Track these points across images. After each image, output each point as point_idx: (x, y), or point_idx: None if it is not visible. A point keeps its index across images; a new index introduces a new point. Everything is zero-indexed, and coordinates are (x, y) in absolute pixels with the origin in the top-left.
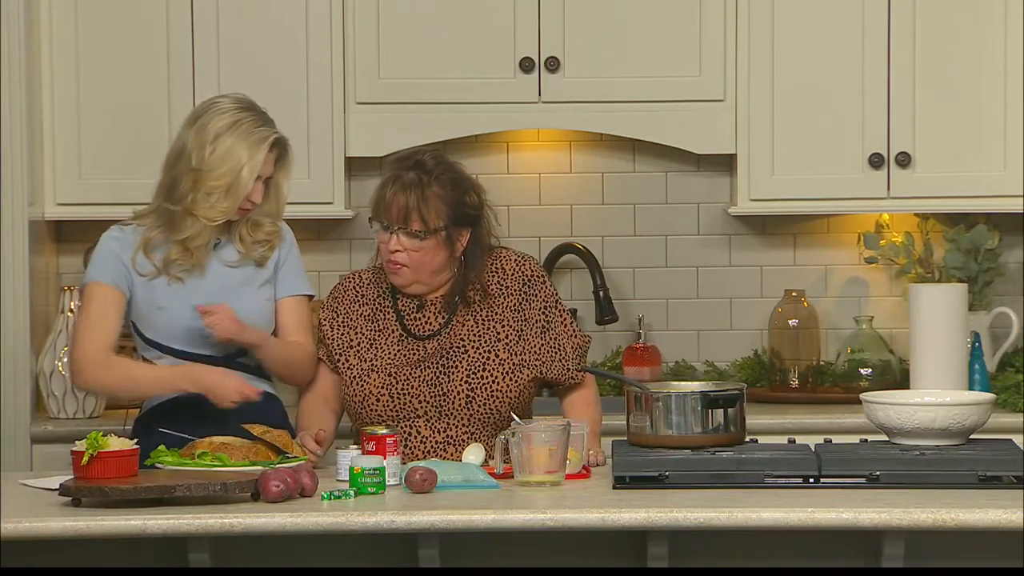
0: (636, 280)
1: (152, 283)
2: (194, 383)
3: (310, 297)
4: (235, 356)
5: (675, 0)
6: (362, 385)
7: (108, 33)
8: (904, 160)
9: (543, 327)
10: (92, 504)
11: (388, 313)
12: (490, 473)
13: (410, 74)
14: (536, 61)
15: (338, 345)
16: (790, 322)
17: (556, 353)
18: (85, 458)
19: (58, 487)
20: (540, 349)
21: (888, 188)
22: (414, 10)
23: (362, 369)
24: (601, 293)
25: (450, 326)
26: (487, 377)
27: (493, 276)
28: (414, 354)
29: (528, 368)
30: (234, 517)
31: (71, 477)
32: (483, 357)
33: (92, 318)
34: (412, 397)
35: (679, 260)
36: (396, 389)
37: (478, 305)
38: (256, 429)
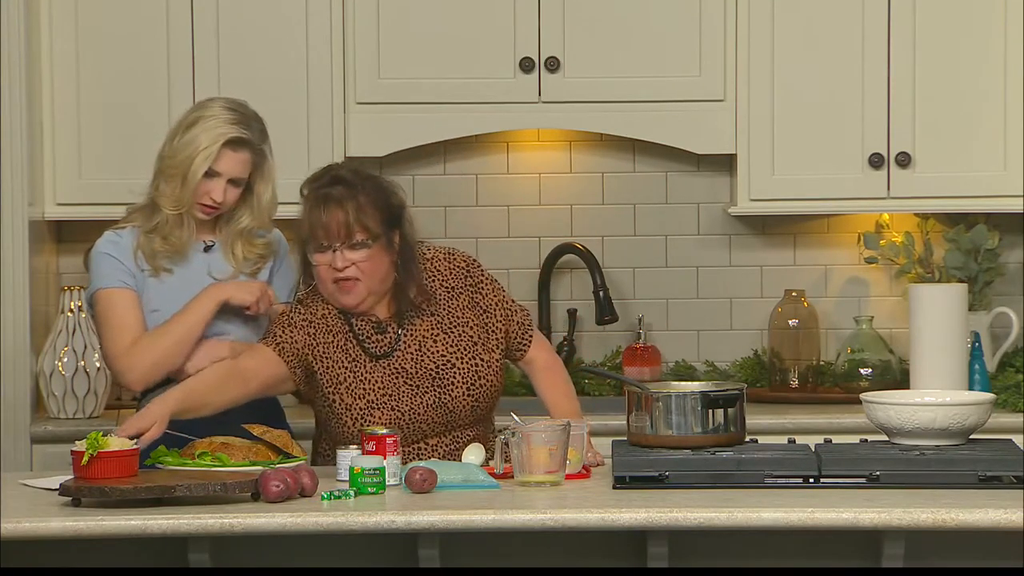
0: (636, 280)
1: (148, 284)
2: (221, 294)
3: None
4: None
5: (675, 0)
6: (369, 423)
7: (108, 33)
8: (904, 160)
9: (499, 309)
10: (92, 504)
11: (351, 341)
12: (490, 473)
13: (410, 74)
14: (536, 61)
15: (327, 380)
16: (790, 322)
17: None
18: (85, 458)
19: (58, 487)
20: (506, 330)
21: (888, 188)
22: (414, 10)
23: (362, 409)
24: (601, 293)
25: (416, 339)
26: (483, 384)
27: (434, 280)
28: (402, 379)
29: (500, 352)
30: (234, 517)
31: (71, 477)
32: (475, 366)
33: (109, 322)
34: (420, 423)
35: (679, 260)
36: (403, 421)
37: (437, 317)
38: (256, 429)
